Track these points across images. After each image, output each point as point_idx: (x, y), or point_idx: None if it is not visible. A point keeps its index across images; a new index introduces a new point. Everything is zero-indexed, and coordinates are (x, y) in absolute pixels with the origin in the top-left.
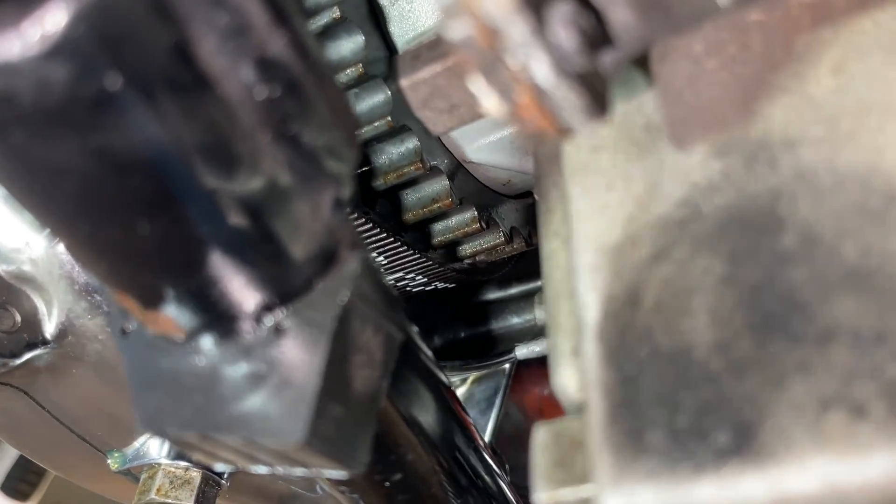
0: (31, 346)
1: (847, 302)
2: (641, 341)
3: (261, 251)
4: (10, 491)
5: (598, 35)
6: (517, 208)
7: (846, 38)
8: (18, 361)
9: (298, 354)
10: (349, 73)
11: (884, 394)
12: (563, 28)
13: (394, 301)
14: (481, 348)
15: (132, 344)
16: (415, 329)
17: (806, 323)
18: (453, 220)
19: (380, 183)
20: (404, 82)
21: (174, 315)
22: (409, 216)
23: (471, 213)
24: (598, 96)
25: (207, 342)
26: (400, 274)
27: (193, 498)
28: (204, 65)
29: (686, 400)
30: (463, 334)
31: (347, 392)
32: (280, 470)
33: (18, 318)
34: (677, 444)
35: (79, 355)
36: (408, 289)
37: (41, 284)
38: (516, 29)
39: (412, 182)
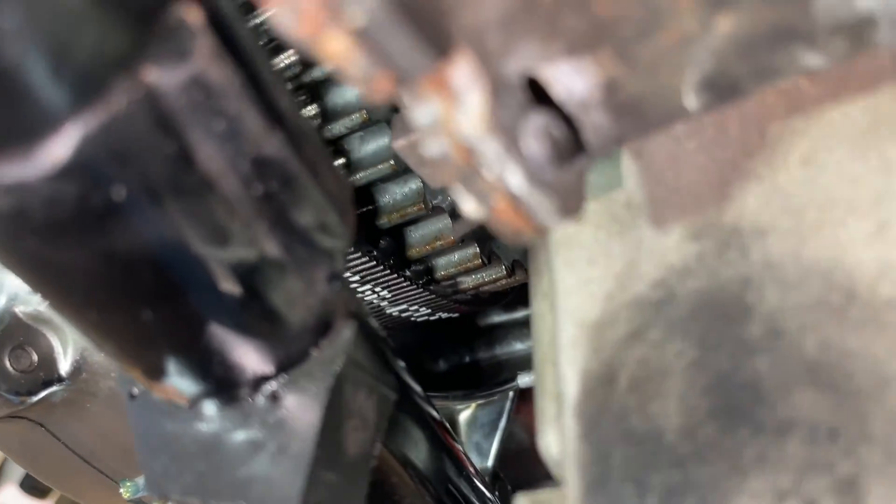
0: (47, 383)
1: (805, 395)
2: (616, 421)
3: (257, 323)
4: (29, 488)
5: (570, 143)
6: None
7: (817, 129)
8: (35, 399)
9: (294, 423)
10: (353, 119)
11: (835, 490)
12: (536, 140)
13: (387, 358)
14: (485, 373)
15: (139, 407)
16: (402, 365)
17: (767, 413)
18: (456, 256)
19: (384, 222)
20: (398, 144)
21: (177, 384)
22: (412, 252)
23: (473, 249)
24: (572, 196)
25: (210, 409)
26: (404, 306)
27: None
28: (203, 168)
29: (655, 481)
30: (467, 359)
31: (340, 457)
32: None
33: (35, 358)
34: None
35: (93, 391)
36: (412, 319)
37: (56, 325)
38: (490, 147)
39: (415, 220)
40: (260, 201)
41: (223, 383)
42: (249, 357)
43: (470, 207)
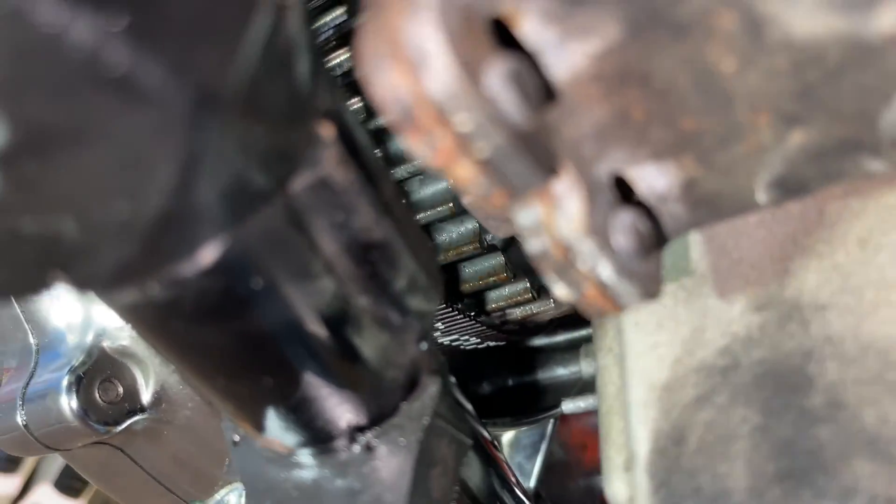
0: (130, 413)
1: (865, 465)
2: (686, 479)
3: (355, 380)
4: (63, 488)
5: (653, 235)
6: None
7: (874, 211)
8: (120, 428)
9: (387, 473)
10: (414, 163)
11: None
12: (625, 236)
13: (461, 405)
14: (528, 396)
15: (243, 453)
16: (454, 381)
17: (829, 480)
18: (507, 290)
19: (440, 259)
20: (466, 201)
21: (279, 437)
22: (465, 287)
23: (523, 285)
24: (653, 280)
25: (308, 457)
26: (455, 336)
27: None
28: (323, 255)
29: None
30: (511, 382)
31: (428, 503)
32: None
33: (121, 390)
34: None
35: (170, 420)
36: (461, 347)
37: (140, 358)
38: (586, 246)
39: (469, 257)
40: (367, 278)
41: (320, 434)
42: (346, 409)
43: (562, 293)
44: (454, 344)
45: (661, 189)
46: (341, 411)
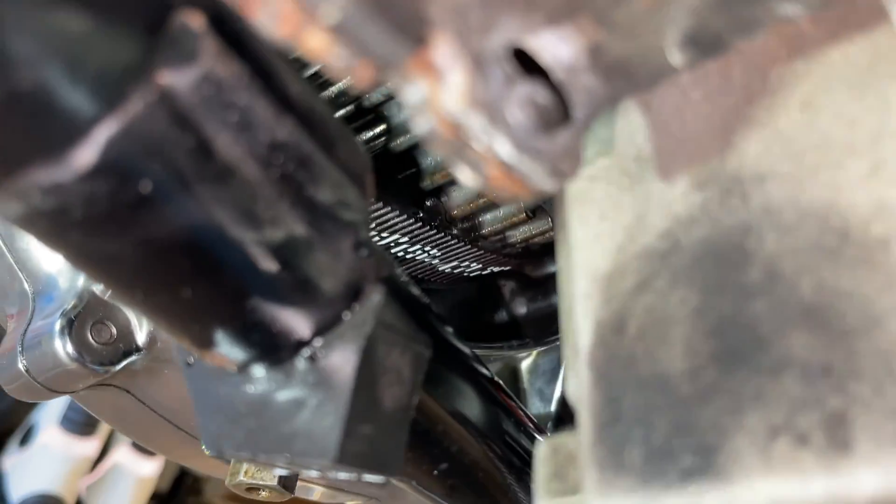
0: (126, 353)
1: (800, 336)
2: (625, 368)
3: (295, 293)
4: (141, 448)
5: (557, 109)
6: None
7: (817, 71)
8: (117, 367)
9: (332, 381)
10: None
11: (825, 424)
12: (521, 109)
13: (423, 317)
14: (544, 321)
15: (195, 374)
16: (450, 330)
17: (764, 354)
18: (501, 212)
19: (427, 183)
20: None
21: (225, 352)
22: (457, 211)
23: (516, 204)
24: (565, 159)
25: (257, 372)
26: (454, 263)
27: (276, 478)
28: (223, 157)
29: (660, 422)
30: (525, 309)
31: (377, 410)
32: (327, 475)
33: (114, 331)
34: (651, 463)
35: (167, 358)
36: (465, 274)
37: None
38: (474, 121)
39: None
40: (279, 183)
41: (267, 349)
42: (288, 324)
43: (466, 176)
44: (456, 272)
45: (566, 59)
46: (280, 323)
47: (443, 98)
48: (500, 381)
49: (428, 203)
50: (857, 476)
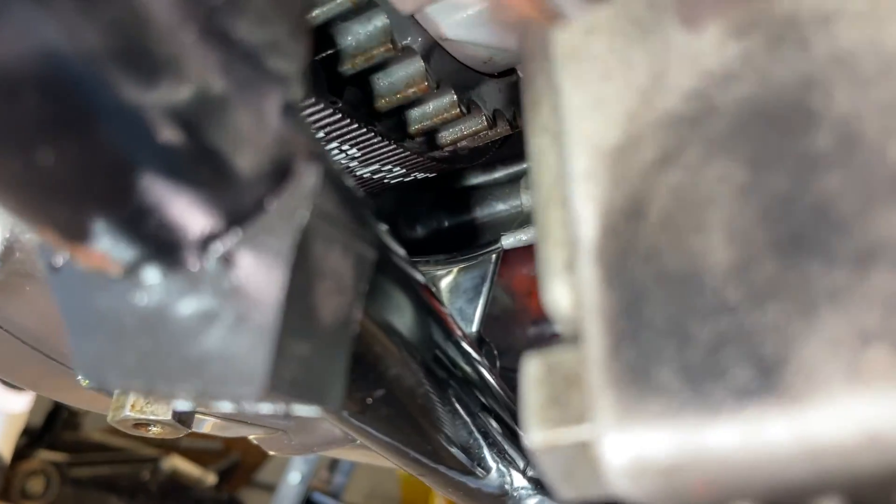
0: None
1: (892, 216)
2: (647, 262)
3: (200, 170)
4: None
5: None
6: (500, 88)
7: None
8: None
9: (254, 288)
10: None
11: None
12: None
13: (362, 213)
14: (467, 237)
15: (65, 281)
16: (384, 228)
17: (843, 241)
18: (431, 106)
19: (347, 68)
20: None
21: (107, 248)
22: (381, 103)
23: (449, 97)
24: None
25: (151, 276)
26: (376, 166)
27: (171, 412)
28: None
29: (699, 332)
30: (447, 223)
31: (314, 325)
32: (246, 408)
33: None
34: (689, 383)
35: (29, 271)
36: (385, 181)
37: None
38: None
39: (383, 65)
40: (181, 5)
41: (164, 244)
42: (192, 212)
43: None
44: (376, 177)
45: None
46: (181, 209)
47: None
48: (434, 289)
49: (348, 92)
50: None
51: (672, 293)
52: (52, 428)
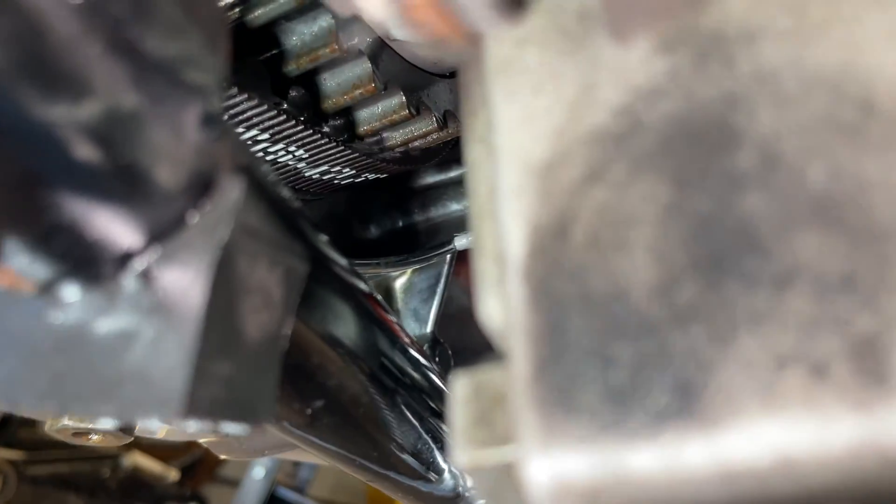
0: None
1: (811, 238)
2: (572, 281)
3: (117, 186)
4: None
5: None
6: (451, 88)
7: None
8: None
9: (174, 306)
10: None
11: (850, 351)
12: None
13: (295, 224)
14: (421, 237)
15: None
16: (324, 238)
17: (762, 263)
18: (379, 107)
19: (292, 68)
20: None
21: (20, 267)
22: (328, 104)
23: (398, 99)
24: None
25: (68, 294)
26: (324, 167)
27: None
28: None
29: (622, 353)
30: (401, 223)
31: (238, 343)
32: (174, 426)
33: None
34: (612, 405)
35: None
36: (335, 182)
37: None
38: None
39: (330, 66)
40: (82, 11)
41: (80, 262)
42: (109, 228)
43: (374, 4)
44: (325, 178)
45: None
46: (97, 225)
47: None
48: (380, 297)
49: (293, 93)
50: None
51: (596, 313)
52: (8, 426)
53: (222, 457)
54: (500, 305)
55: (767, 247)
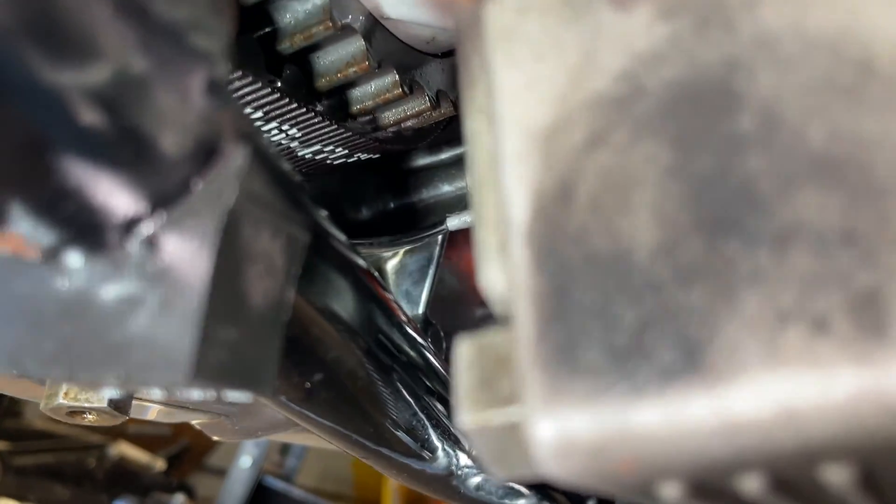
0: None
1: (810, 196)
2: (575, 244)
3: (123, 151)
4: None
5: None
6: (443, 68)
7: None
8: None
9: (180, 272)
10: None
11: (849, 306)
12: None
13: (296, 195)
14: (412, 219)
15: None
16: (323, 213)
17: (763, 222)
18: (372, 86)
19: (286, 46)
20: None
21: (25, 232)
22: (322, 83)
23: (391, 77)
24: None
25: (73, 261)
26: (317, 147)
27: (106, 399)
28: None
29: (625, 312)
30: (392, 205)
31: (243, 309)
32: (176, 394)
33: None
34: (616, 363)
35: None
36: (328, 161)
37: None
38: None
39: (323, 44)
40: None
41: (85, 229)
42: (115, 193)
43: None
44: (318, 158)
45: None
46: (103, 191)
47: None
48: (377, 274)
49: (287, 71)
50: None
51: (600, 274)
52: None
53: (215, 439)
54: (502, 272)
55: (768, 206)
